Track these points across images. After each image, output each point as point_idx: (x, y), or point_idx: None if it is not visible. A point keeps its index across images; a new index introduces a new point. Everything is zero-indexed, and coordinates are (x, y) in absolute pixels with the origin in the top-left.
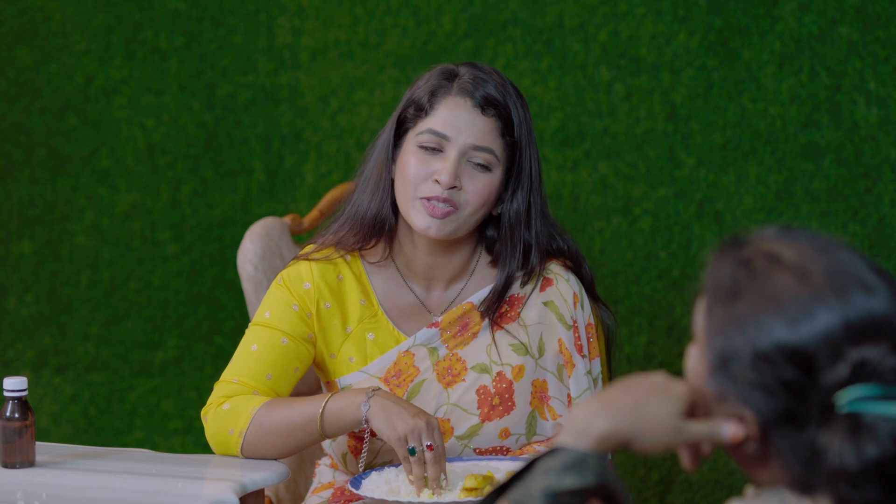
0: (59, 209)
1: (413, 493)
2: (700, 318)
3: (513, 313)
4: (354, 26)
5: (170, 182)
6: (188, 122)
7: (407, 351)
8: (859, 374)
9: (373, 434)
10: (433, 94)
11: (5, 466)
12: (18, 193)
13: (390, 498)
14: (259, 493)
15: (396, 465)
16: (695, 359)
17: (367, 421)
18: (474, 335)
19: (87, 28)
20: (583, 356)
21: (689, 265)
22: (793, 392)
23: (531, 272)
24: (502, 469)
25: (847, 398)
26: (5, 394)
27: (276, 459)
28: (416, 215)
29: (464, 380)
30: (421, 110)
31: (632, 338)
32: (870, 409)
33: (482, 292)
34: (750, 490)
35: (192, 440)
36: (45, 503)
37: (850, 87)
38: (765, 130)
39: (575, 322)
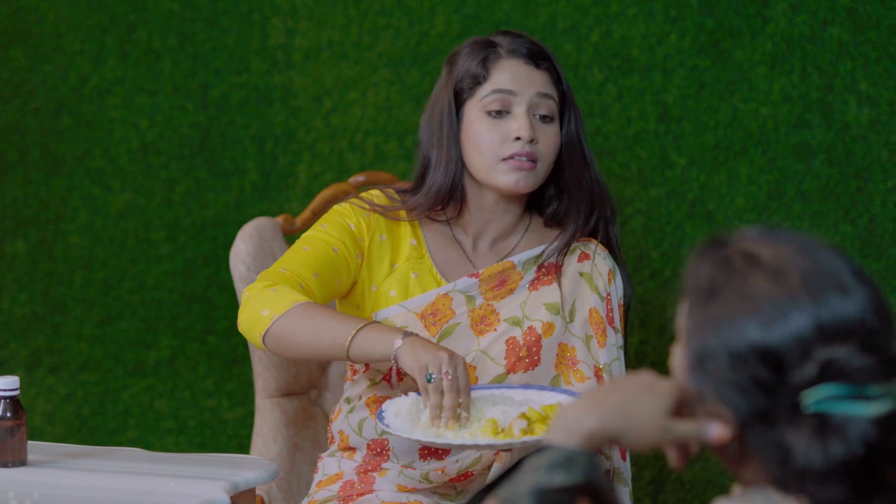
0: (54, 209)
1: (456, 430)
2: (681, 317)
3: (549, 278)
4: (347, 27)
5: (164, 182)
6: (182, 123)
7: (446, 294)
8: (826, 373)
9: (399, 377)
10: (485, 61)
11: None
12: (12, 193)
13: (417, 436)
14: (250, 493)
15: (414, 394)
16: (678, 358)
17: (395, 358)
18: (511, 291)
19: (81, 28)
20: (614, 328)
21: (681, 265)
22: (765, 391)
23: (576, 236)
24: (535, 402)
25: (813, 398)
26: None
27: (290, 358)
28: (503, 175)
29: (495, 329)
30: (477, 79)
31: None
32: (835, 409)
33: (525, 254)
34: (737, 489)
35: (185, 440)
36: (38, 502)
37: (842, 87)
38: (756, 131)
39: (608, 295)
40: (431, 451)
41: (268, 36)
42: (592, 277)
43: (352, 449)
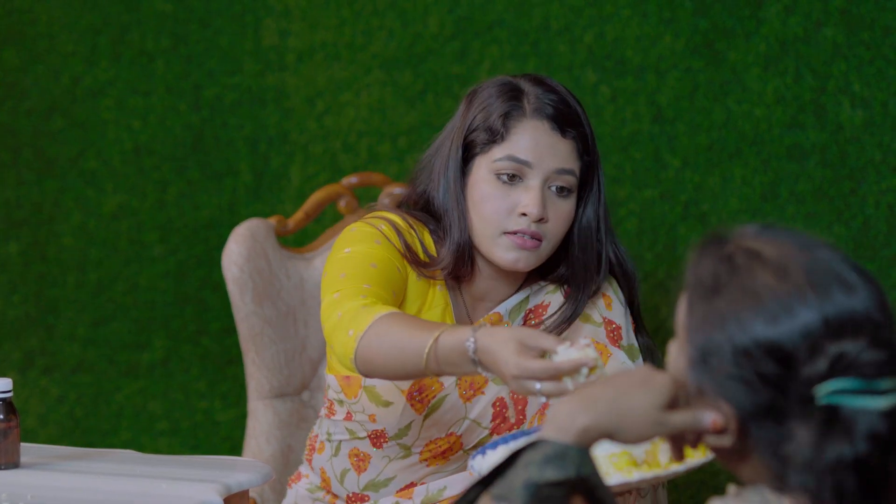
0: (46, 210)
1: None
2: (681, 313)
3: (536, 322)
4: (341, 28)
5: (156, 183)
6: (175, 124)
7: None
8: (837, 367)
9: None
10: (506, 117)
11: None
12: (5, 195)
13: None
14: (243, 495)
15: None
16: (675, 354)
17: (479, 363)
18: None
19: (74, 29)
20: (618, 346)
21: (674, 267)
22: (772, 385)
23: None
24: None
25: (825, 391)
26: None
27: (387, 378)
28: (502, 250)
29: (483, 392)
30: (494, 135)
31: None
32: (847, 403)
33: (510, 301)
34: (732, 488)
35: (178, 441)
36: None
37: (835, 88)
38: (750, 132)
39: (605, 318)
40: (405, 493)
41: (261, 37)
42: (586, 310)
43: (334, 495)
